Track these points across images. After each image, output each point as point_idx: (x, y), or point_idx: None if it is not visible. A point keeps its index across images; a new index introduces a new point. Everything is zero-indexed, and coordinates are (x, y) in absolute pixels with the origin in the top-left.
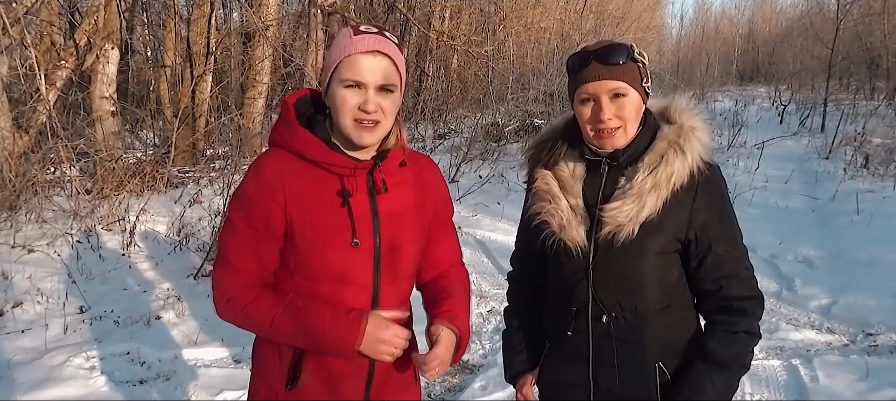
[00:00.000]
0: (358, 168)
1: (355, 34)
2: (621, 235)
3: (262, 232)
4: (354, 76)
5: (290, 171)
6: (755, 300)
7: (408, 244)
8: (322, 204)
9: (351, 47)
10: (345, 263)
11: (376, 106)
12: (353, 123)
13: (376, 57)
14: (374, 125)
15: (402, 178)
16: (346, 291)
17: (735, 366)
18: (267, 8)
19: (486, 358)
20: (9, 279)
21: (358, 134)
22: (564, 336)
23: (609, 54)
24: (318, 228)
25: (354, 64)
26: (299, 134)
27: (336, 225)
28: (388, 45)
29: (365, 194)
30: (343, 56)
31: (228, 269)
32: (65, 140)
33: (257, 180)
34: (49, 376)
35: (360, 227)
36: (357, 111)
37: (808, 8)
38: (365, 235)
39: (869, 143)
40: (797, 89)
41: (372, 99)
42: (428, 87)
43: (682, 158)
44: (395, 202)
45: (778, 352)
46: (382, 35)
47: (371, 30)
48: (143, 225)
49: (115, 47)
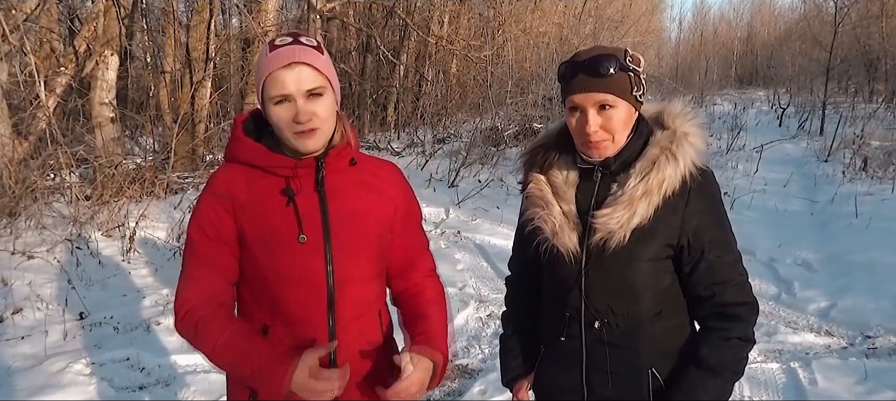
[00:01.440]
0: (300, 167)
1: (271, 50)
2: (613, 241)
3: (215, 240)
4: (279, 92)
5: (240, 180)
6: (749, 306)
7: (364, 245)
8: (269, 207)
9: (269, 65)
10: (294, 261)
11: (308, 114)
12: (293, 135)
13: (294, 68)
14: (313, 131)
15: (355, 178)
16: (299, 292)
17: (728, 372)
18: (266, 14)
19: (486, 363)
20: (8, 286)
21: (300, 143)
22: (558, 341)
23: (597, 65)
24: (266, 229)
25: (276, 80)
26: (242, 143)
27: (283, 224)
28: (304, 52)
29: (312, 193)
30: (264, 76)
31: (186, 279)
32: (64, 146)
33: (209, 192)
34: (49, 383)
35: (307, 223)
36: (292, 124)
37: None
38: (313, 233)
39: (867, 145)
40: (796, 92)
41: (302, 109)
42: (427, 91)
43: (674, 164)
44: (348, 202)
45: (776, 355)
46: (297, 43)
47: (286, 40)
48: (143, 231)
49: (114, 53)
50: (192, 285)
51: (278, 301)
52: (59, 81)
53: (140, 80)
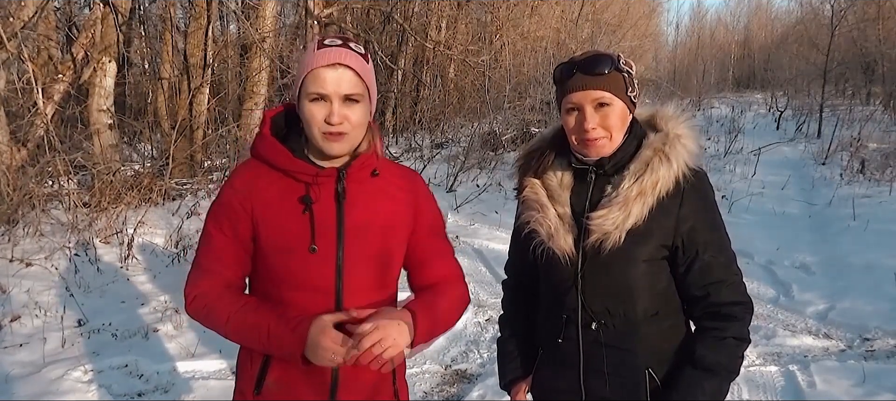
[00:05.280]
0: (321, 175)
1: (319, 48)
2: (608, 242)
3: (231, 237)
4: (317, 89)
5: (261, 179)
6: (744, 305)
7: (375, 255)
8: (286, 211)
9: (314, 61)
10: (304, 267)
11: (341, 117)
12: (321, 135)
13: (338, 69)
14: (341, 136)
15: (375, 187)
16: (307, 297)
17: (724, 372)
18: (264, 20)
19: (484, 367)
20: (7, 293)
21: (327, 145)
22: (556, 343)
23: (593, 64)
24: (280, 233)
25: (317, 77)
26: (268, 143)
27: (297, 231)
28: (350, 57)
29: (331, 202)
30: (307, 71)
31: (199, 270)
32: (62, 153)
33: (230, 188)
34: (47, 390)
35: (321, 233)
36: (323, 124)
37: (803, 14)
38: (326, 243)
39: (865, 148)
40: (793, 95)
41: (336, 111)
42: (425, 96)
43: (668, 166)
44: (364, 212)
45: (775, 358)
46: (345, 47)
47: (335, 42)
48: (141, 237)
49: (112, 60)
50: (204, 277)
51: (286, 303)
52: (57, 88)
53: (138, 87)
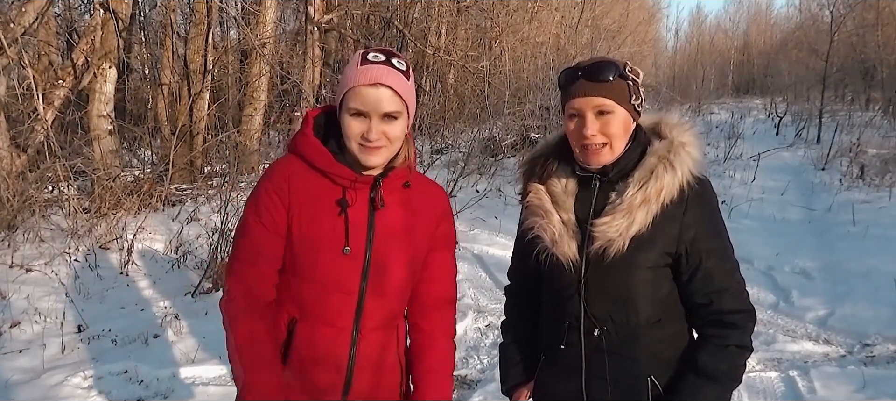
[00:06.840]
0: (359, 181)
1: (362, 63)
2: (612, 249)
3: (270, 229)
4: (358, 107)
5: (299, 176)
6: (746, 314)
7: (398, 262)
8: (322, 210)
9: (356, 79)
10: (334, 269)
11: (379, 134)
12: (358, 147)
13: (378, 89)
14: (379, 150)
15: (404, 197)
16: (332, 297)
17: (726, 379)
18: (264, 25)
19: (484, 373)
20: (7, 299)
21: (363, 157)
22: (558, 349)
23: (597, 71)
24: (314, 231)
25: (358, 95)
26: (310, 143)
27: (331, 232)
28: (390, 75)
29: (364, 207)
30: (348, 87)
31: (238, 262)
32: (62, 159)
33: (268, 180)
34: (47, 396)
35: (354, 236)
36: (361, 138)
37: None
38: (357, 245)
39: (864, 153)
40: (793, 101)
41: (375, 127)
42: (425, 102)
43: (672, 173)
44: (392, 220)
45: (775, 363)
46: (388, 64)
47: (378, 57)
48: (141, 243)
49: (112, 66)
50: (244, 269)
51: (310, 300)
52: (57, 94)
53: (138, 93)
